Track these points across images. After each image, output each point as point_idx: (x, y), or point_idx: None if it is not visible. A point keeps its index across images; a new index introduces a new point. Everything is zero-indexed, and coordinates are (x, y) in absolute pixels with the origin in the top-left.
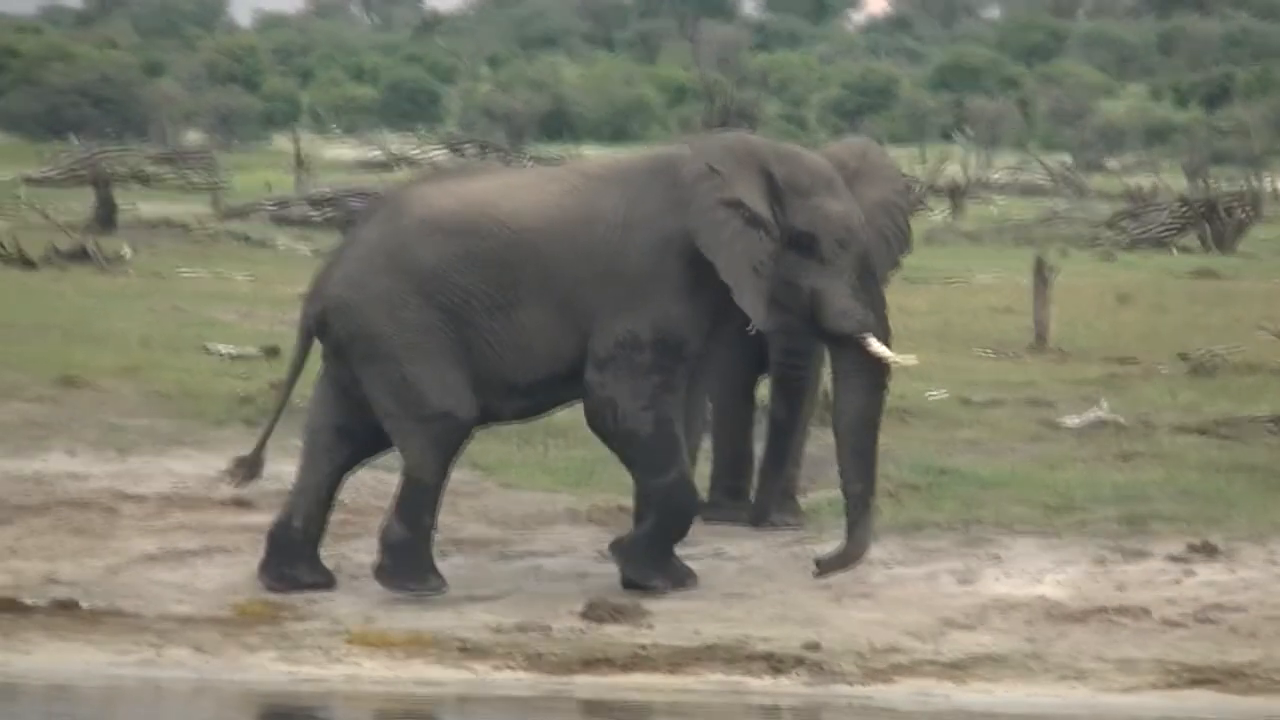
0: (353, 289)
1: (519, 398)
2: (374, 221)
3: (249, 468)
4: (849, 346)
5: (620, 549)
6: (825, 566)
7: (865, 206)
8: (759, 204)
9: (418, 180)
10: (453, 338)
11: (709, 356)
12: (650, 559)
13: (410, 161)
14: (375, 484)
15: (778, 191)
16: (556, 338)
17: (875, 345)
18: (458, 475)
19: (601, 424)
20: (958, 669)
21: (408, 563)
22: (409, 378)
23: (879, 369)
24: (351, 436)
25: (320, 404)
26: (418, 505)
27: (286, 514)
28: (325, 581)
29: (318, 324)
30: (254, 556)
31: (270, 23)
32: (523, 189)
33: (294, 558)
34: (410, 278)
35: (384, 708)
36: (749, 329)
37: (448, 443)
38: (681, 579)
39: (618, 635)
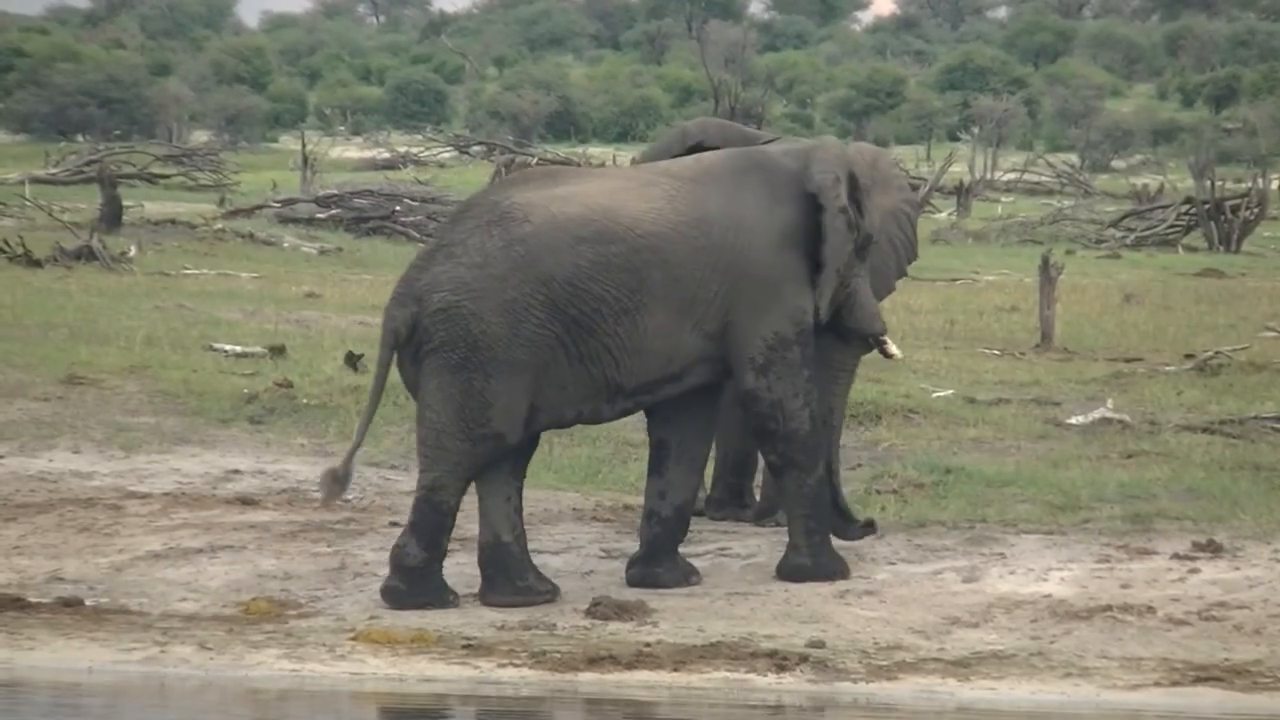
0: (468, 295)
1: (623, 399)
2: (477, 227)
3: (339, 481)
4: (860, 345)
5: (790, 557)
6: None
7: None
8: (851, 208)
9: (506, 184)
10: (565, 353)
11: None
12: (816, 549)
13: (417, 161)
14: (381, 482)
15: (857, 194)
16: (675, 340)
17: (893, 345)
18: None
19: (768, 425)
20: (962, 667)
21: (423, 587)
22: (487, 394)
23: (856, 367)
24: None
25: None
26: (438, 528)
27: (492, 533)
28: (554, 589)
29: (411, 327)
30: (259, 554)
31: (277, 23)
32: (627, 193)
33: (520, 569)
34: (542, 287)
35: (388, 705)
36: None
37: (481, 464)
38: (835, 568)
39: (622, 633)
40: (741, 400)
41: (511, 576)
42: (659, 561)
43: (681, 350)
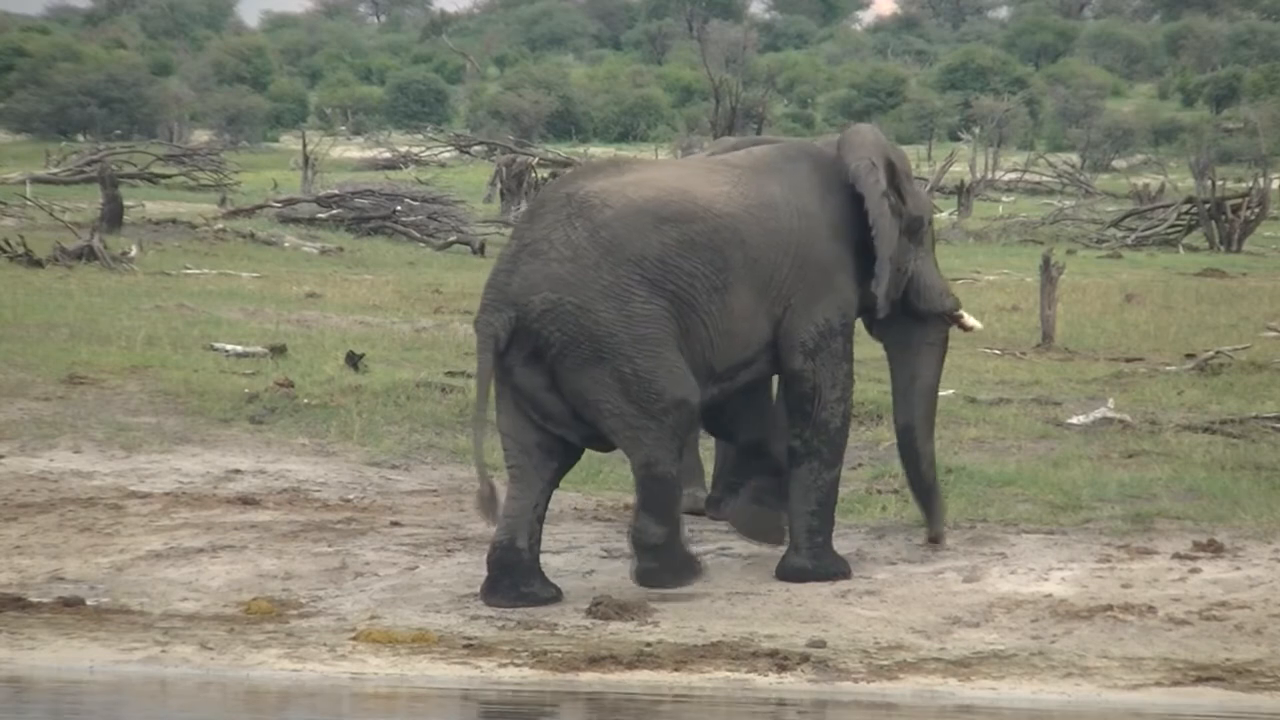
0: (568, 291)
1: (713, 384)
2: (557, 222)
3: (491, 498)
4: (939, 322)
5: (790, 558)
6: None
7: None
8: (892, 193)
9: (574, 177)
10: (676, 325)
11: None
12: (818, 550)
13: (418, 161)
14: (381, 482)
15: (896, 179)
16: (754, 322)
17: (969, 318)
18: (463, 473)
19: (805, 408)
20: (963, 666)
21: (672, 560)
22: (641, 372)
23: (946, 341)
24: (553, 450)
25: (517, 422)
26: (667, 500)
27: (509, 536)
28: (557, 594)
29: (511, 332)
30: (260, 554)
31: (278, 23)
32: (695, 178)
33: (527, 576)
34: (636, 268)
35: (389, 705)
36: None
37: (682, 432)
38: (837, 569)
39: (623, 632)
40: (785, 381)
41: (516, 582)
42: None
43: (756, 334)
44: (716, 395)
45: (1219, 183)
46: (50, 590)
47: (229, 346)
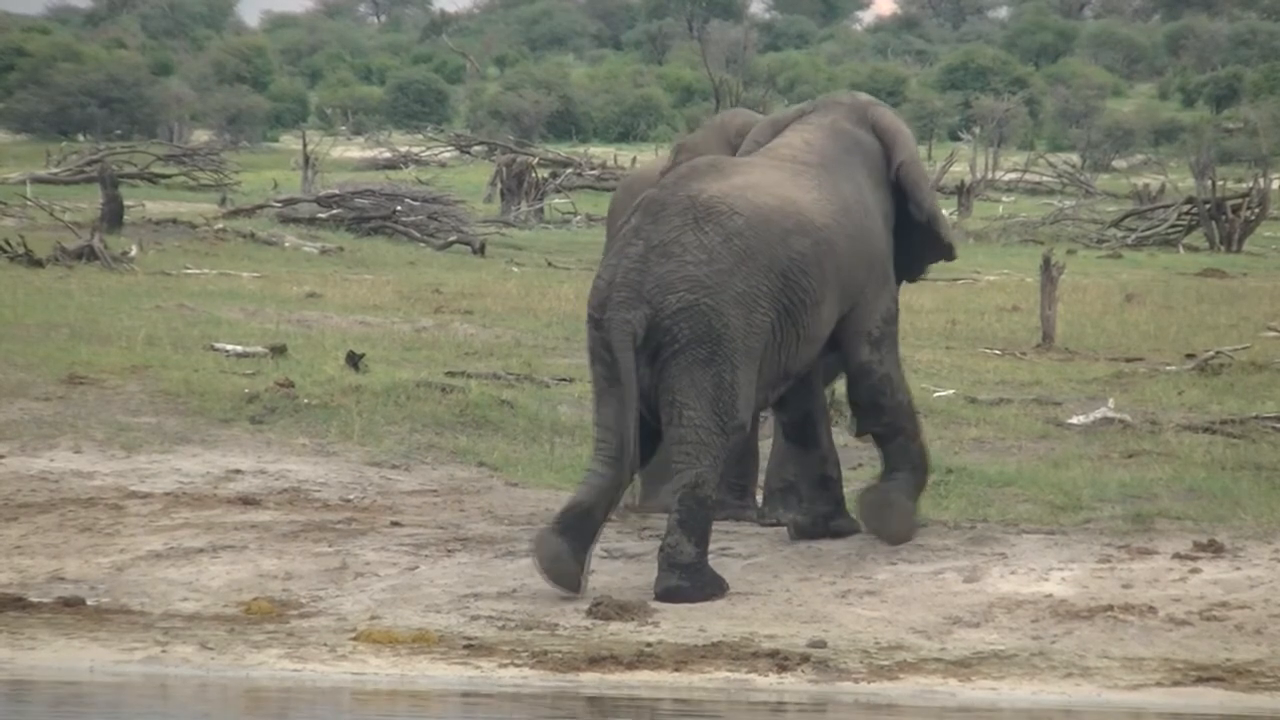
0: (705, 292)
1: (783, 384)
2: (685, 225)
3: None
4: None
5: (878, 509)
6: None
7: None
8: None
9: (683, 179)
10: (775, 339)
11: None
12: (909, 512)
13: (418, 161)
14: (382, 482)
15: None
16: (829, 324)
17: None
18: (463, 473)
19: (879, 398)
20: (963, 666)
21: (702, 580)
22: (735, 386)
23: None
24: (646, 444)
25: (629, 410)
26: (705, 522)
27: (590, 502)
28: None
29: (646, 328)
30: (260, 554)
31: (278, 23)
32: (790, 185)
33: (586, 546)
34: (765, 279)
35: (389, 705)
36: None
37: (732, 456)
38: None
39: (623, 633)
40: (853, 375)
41: (576, 546)
42: (843, 515)
43: (827, 333)
44: (783, 392)
45: (1219, 183)
46: (50, 590)
47: (229, 346)
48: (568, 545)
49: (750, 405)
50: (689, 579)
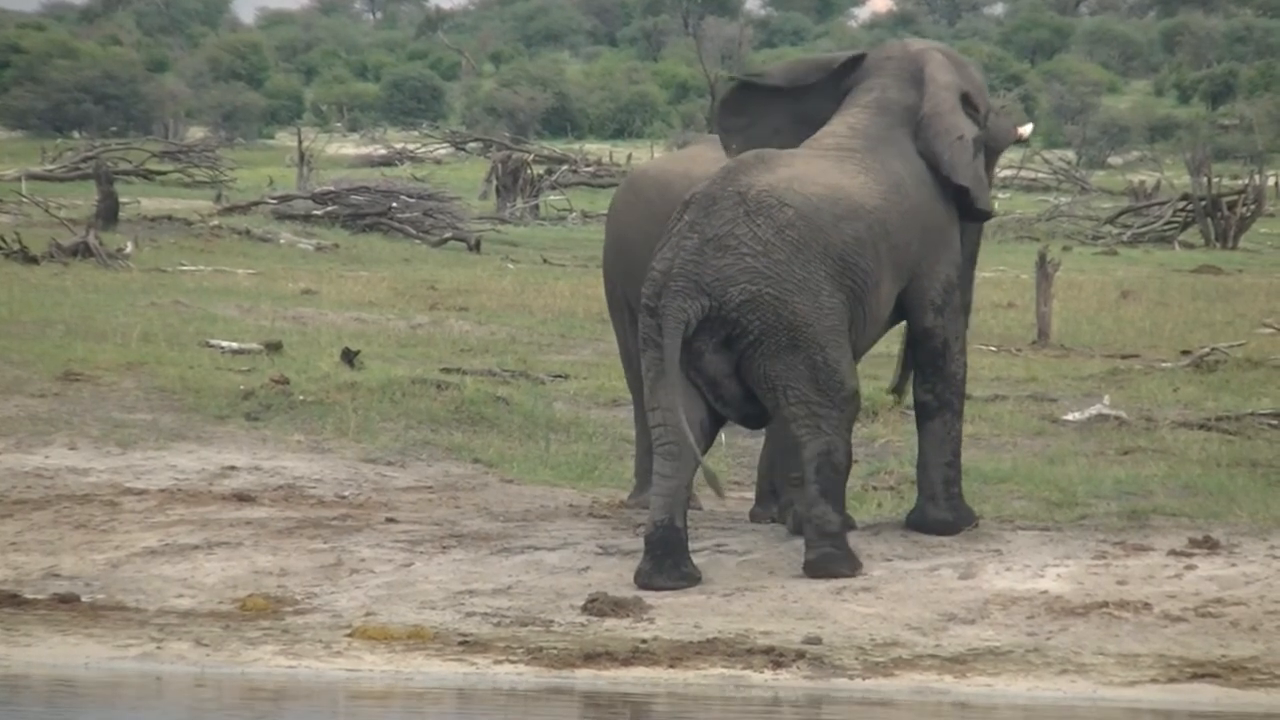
0: (766, 283)
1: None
2: (737, 219)
3: (715, 477)
4: (984, 217)
5: (930, 510)
6: None
7: None
8: (972, 141)
9: (732, 173)
10: (848, 319)
11: None
12: (953, 498)
13: (413, 158)
14: (377, 479)
15: (974, 107)
16: (890, 302)
17: (1024, 129)
18: (458, 470)
19: (937, 363)
20: (958, 663)
21: (845, 546)
22: (831, 361)
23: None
24: (709, 430)
25: (687, 400)
26: (842, 490)
27: (668, 515)
28: (699, 576)
29: (708, 320)
30: (255, 550)
31: (274, 19)
32: (838, 172)
33: (686, 554)
34: (821, 266)
35: (385, 701)
36: None
37: (853, 422)
38: (970, 518)
39: (619, 629)
40: (915, 339)
41: (679, 561)
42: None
43: (889, 310)
44: None
45: (1215, 179)
46: (46, 587)
47: (224, 343)
48: (670, 572)
49: (856, 375)
50: (839, 546)
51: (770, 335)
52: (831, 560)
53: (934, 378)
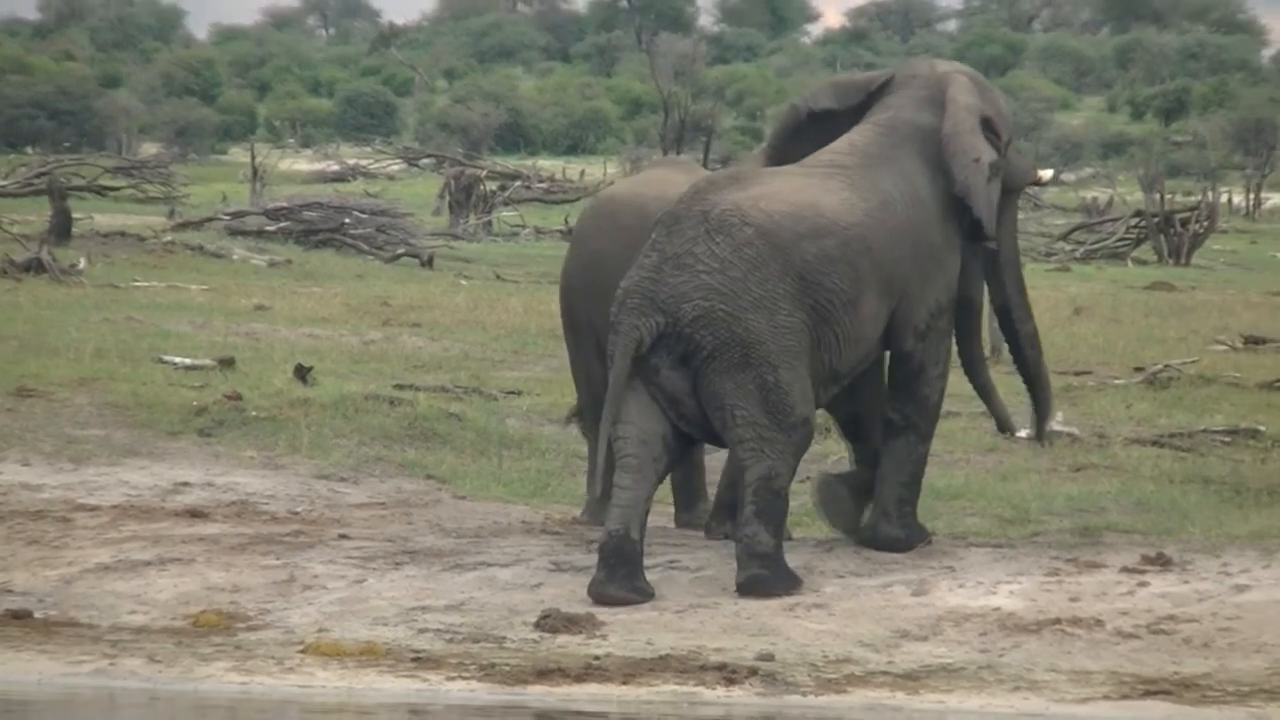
0: (719, 299)
1: (834, 384)
2: (697, 237)
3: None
4: (1015, 195)
5: (883, 527)
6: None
7: None
8: (991, 167)
9: (701, 192)
10: (811, 337)
11: None
12: (905, 516)
13: (366, 173)
14: (330, 495)
15: (994, 135)
16: (876, 321)
17: (1045, 173)
18: (411, 486)
19: (909, 387)
20: (911, 679)
21: (781, 569)
22: (782, 383)
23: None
24: (672, 445)
25: (645, 415)
26: (780, 513)
27: (623, 527)
28: (653, 592)
29: (664, 336)
30: (208, 566)
31: (227, 35)
32: (815, 189)
33: (637, 569)
34: (780, 283)
35: (337, 718)
36: None
37: (803, 451)
38: (922, 535)
39: (571, 646)
40: (892, 359)
41: (631, 574)
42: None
43: (877, 331)
44: (834, 394)
45: (1168, 196)
46: None
47: (177, 359)
48: (622, 583)
49: (809, 401)
50: (769, 568)
51: (723, 352)
52: (761, 582)
53: (904, 399)
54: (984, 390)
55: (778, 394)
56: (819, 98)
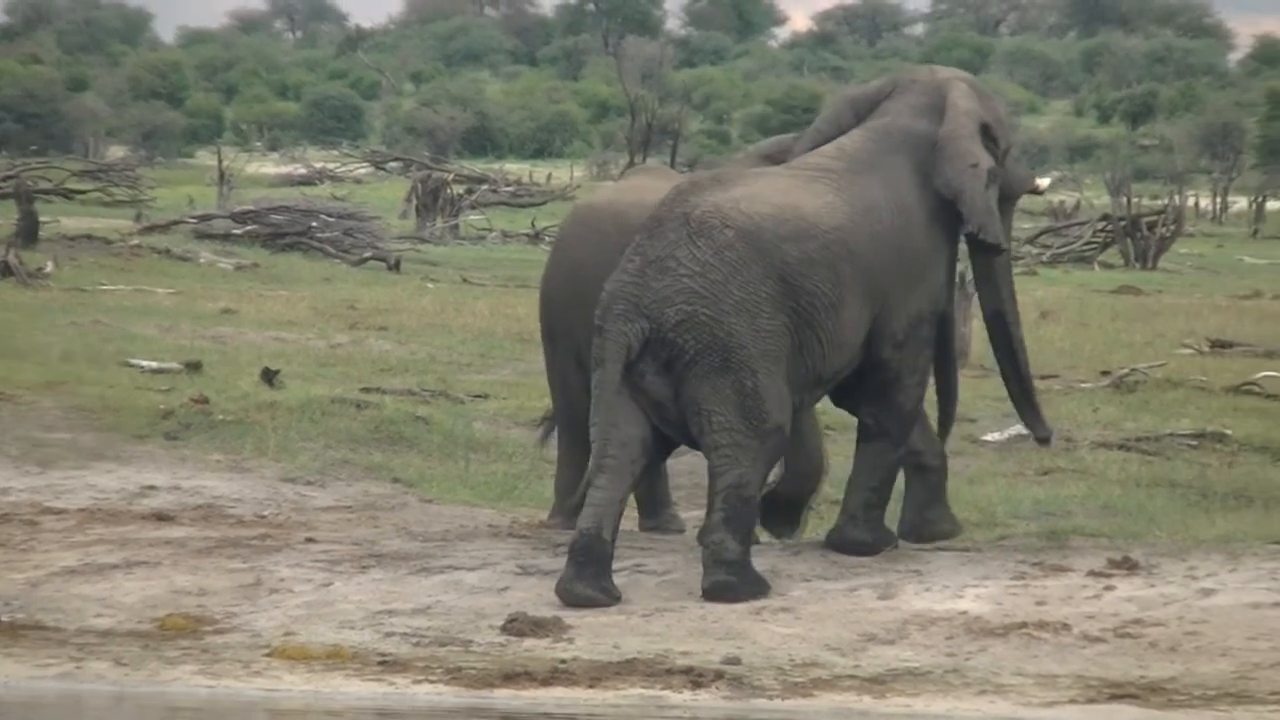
0: (701, 303)
1: (818, 388)
2: (679, 240)
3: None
4: (1013, 202)
5: (850, 531)
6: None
7: None
8: (989, 178)
9: (683, 194)
10: (792, 341)
11: None
12: (873, 520)
13: (333, 177)
14: (296, 498)
15: (993, 143)
16: (861, 326)
17: (1041, 182)
18: (378, 489)
19: (884, 394)
20: (878, 683)
21: (749, 576)
22: (760, 389)
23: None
24: (651, 448)
25: (626, 417)
26: (749, 520)
27: (595, 525)
28: (619, 595)
29: (650, 342)
30: (174, 570)
31: (194, 38)
32: (800, 190)
33: (606, 569)
34: (762, 286)
35: None
36: None
37: (774, 459)
38: (889, 540)
39: (538, 649)
40: (869, 366)
41: (599, 573)
42: (934, 508)
43: (860, 336)
44: (816, 398)
45: (1135, 200)
46: None
47: (144, 362)
48: (590, 582)
49: (784, 407)
50: (735, 574)
51: (704, 356)
52: (725, 588)
53: (879, 405)
54: (1017, 387)
55: (755, 400)
56: (841, 115)
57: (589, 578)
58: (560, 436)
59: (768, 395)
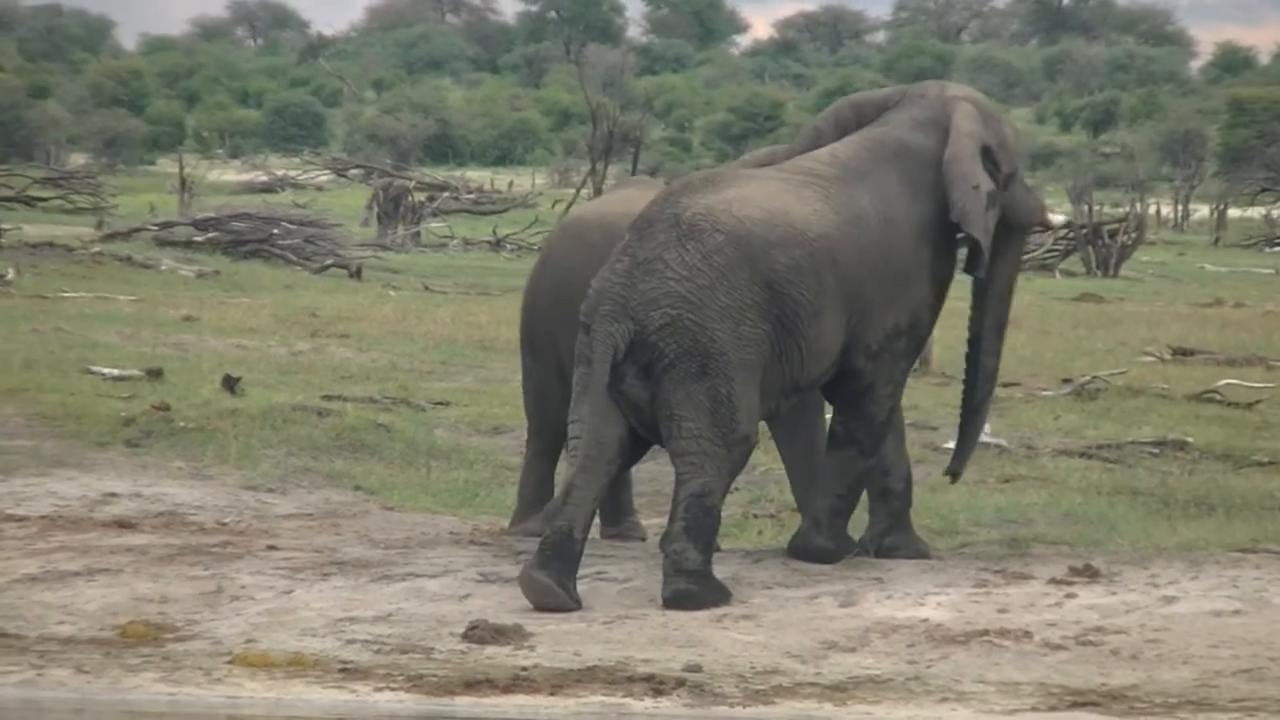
0: (687, 307)
1: (793, 395)
2: (668, 243)
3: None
4: (1024, 233)
5: (812, 538)
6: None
7: None
8: (989, 190)
9: (674, 195)
10: (771, 349)
11: None
12: (836, 528)
13: (295, 184)
14: (258, 506)
15: (994, 165)
16: (839, 335)
17: (1054, 217)
18: (339, 497)
19: (857, 405)
20: (839, 691)
21: (709, 584)
22: (733, 397)
23: (1023, 248)
24: (627, 449)
25: (605, 418)
26: (710, 531)
27: (568, 524)
28: (580, 602)
29: (630, 343)
30: (136, 577)
31: (156, 45)
32: (789, 196)
33: (572, 568)
34: (748, 292)
35: None
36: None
37: (738, 469)
38: (851, 547)
39: (499, 657)
40: (841, 374)
41: (564, 570)
42: (894, 534)
43: (837, 345)
44: (794, 404)
45: (1096, 207)
46: None
47: (106, 370)
48: (550, 577)
49: (753, 417)
50: (696, 583)
51: (683, 360)
52: (686, 596)
53: (850, 414)
54: (967, 414)
55: (728, 408)
56: (844, 118)
57: (553, 571)
58: (528, 444)
59: (740, 404)
